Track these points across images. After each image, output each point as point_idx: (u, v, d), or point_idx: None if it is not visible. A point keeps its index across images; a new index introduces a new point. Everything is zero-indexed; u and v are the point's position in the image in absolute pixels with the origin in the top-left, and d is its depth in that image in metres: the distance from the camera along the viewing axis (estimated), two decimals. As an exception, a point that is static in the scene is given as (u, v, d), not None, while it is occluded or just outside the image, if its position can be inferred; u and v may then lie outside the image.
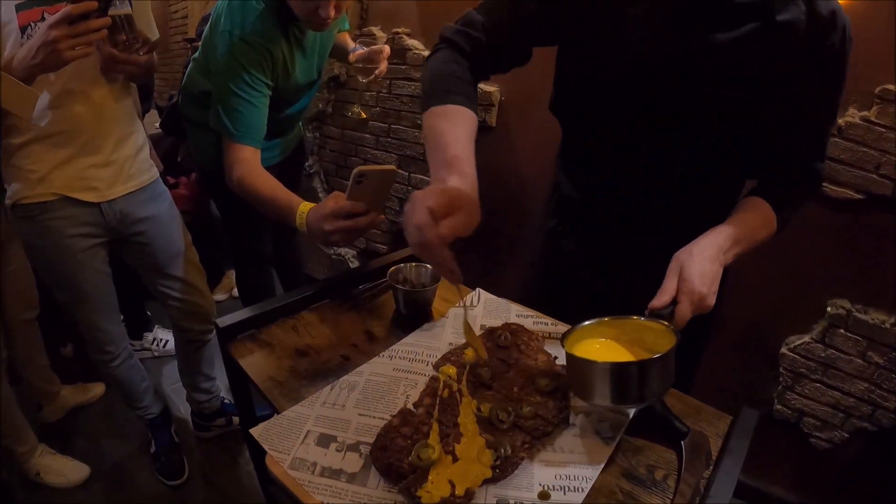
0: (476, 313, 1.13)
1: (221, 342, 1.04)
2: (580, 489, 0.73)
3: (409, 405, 0.84)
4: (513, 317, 1.11)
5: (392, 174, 1.10)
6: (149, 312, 2.75)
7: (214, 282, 3.13)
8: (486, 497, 0.71)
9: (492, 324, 1.07)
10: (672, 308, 0.82)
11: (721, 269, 0.86)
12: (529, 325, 1.06)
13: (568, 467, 0.76)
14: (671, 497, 0.73)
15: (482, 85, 1.50)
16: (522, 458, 0.76)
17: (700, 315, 0.84)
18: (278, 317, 1.10)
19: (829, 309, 1.65)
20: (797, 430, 1.81)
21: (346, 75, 2.69)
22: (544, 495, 0.71)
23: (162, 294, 1.83)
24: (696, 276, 0.82)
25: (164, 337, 2.69)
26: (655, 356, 0.73)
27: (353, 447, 0.78)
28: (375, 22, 2.48)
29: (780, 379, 1.79)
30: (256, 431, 0.80)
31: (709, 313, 0.85)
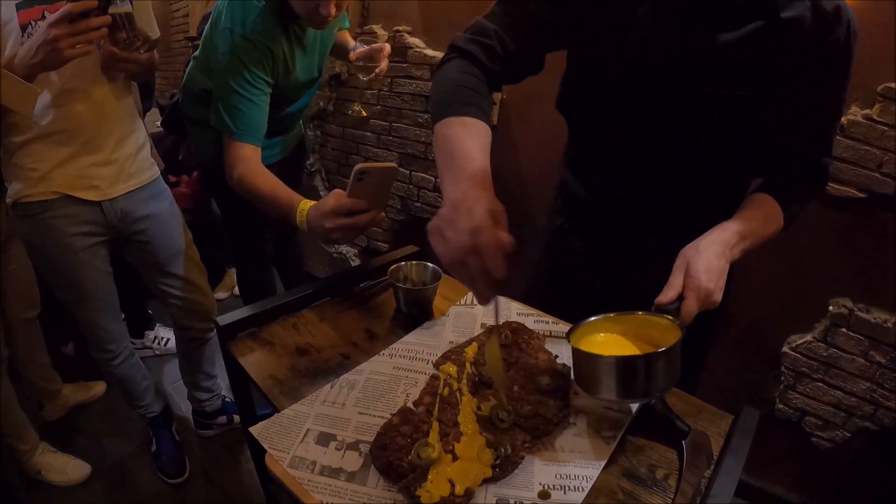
0: (476, 311, 1.13)
1: (222, 340, 1.03)
2: (580, 488, 0.72)
3: (409, 404, 0.84)
4: (513, 315, 1.11)
5: (393, 172, 1.10)
6: (150, 311, 2.75)
7: (216, 280, 3.13)
8: (485, 496, 0.71)
9: (492, 322, 1.07)
10: (678, 304, 0.82)
11: (727, 265, 0.86)
12: (530, 323, 1.06)
13: (568, 466, 0.76)
14: (672, 497, 0.73)
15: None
16: (522, 458, 0.75)
17: (706, 311, 0.84)
18: (279, 315, 1.10)
19: (830, 308, 1.65)
20: (799, 429, 1.81)
21: (347, 73, 2.69)
22: (544, 495, 0.71)
23: (163, 292, 1.83)
24: (703, 272, 0.82)
25: (165, 335, 2.69)
26: (661, 350, 0.73)
27: (353, 446, 0.78)
28: (376, 20, 2.48)
29: (782, 378, 1.79)
30: (256, 430, 0.80)
31: (715, 309, 0.85)
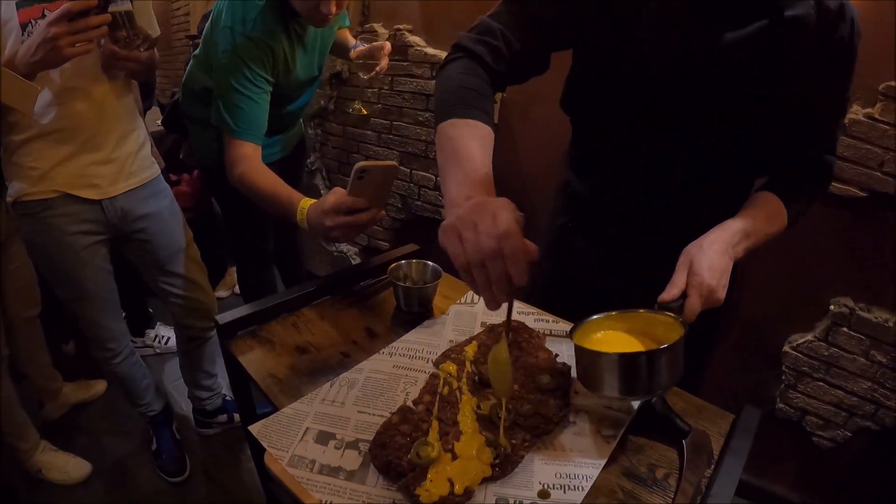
0: (476, 310, 1.13)
1: (221, 339, 1.03)
2: (580, 488, 0.72)
3: (409, 402, 0.84)
4: (514, 314, 1.10)
5: (394, 170, 1.10)
6: (150, 309, 2.75)
7: (217, 279, 3.14)
8: (485, 495, 0.71)
9: (493, 321, 1.07)
10: (681, 301, 0.82)
11: (731, 263, 0.86)
12: (530, 322, 1.06)
13: (568, 466, 0.76)
14: (672, 496, 0.73)
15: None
16: (522, 457, 0.75)
17: (710, 309, 0.83)
18: (278, 314, 1.10)
19: (832, 307, 1.65)
20: (800, 428, 1.80)
21: (348, 72, 2.69)
22: (544, 494, 0.71)
23: (163, 291, 1.83)
24: (706, 270, 0.82)
25: (166, 334, 2.69)
26: (663, 346, 0.73)
27: (352, 445, 0.78)
28: (377, 19, 2.48)
29: (783, 377, 1.78)
30: (255, 428, 0.80)
31: (719, 308, 0.85)
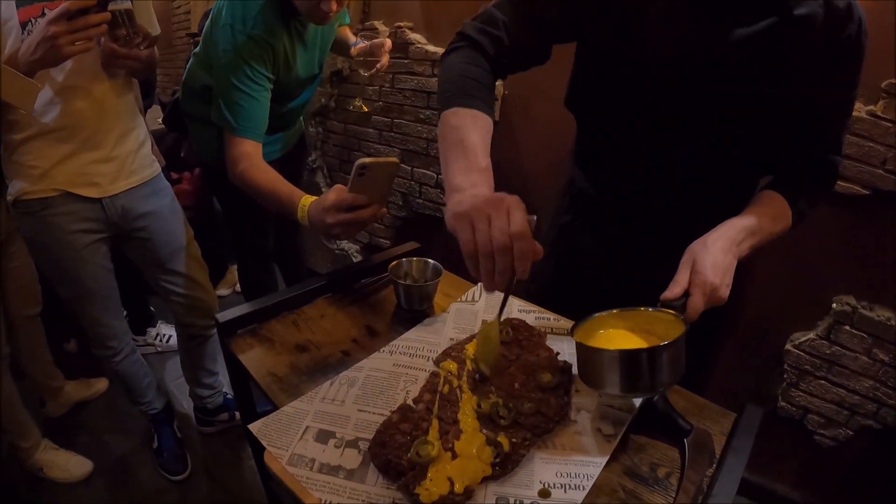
0: (477, 308, 1.12)
1: (222, 337, 1.03)
2: (581, 487, 0.72)
3: (409, 401, 0.84)
4: (514, 312, 1.11)
5: (394, 167, 1.10)
6: (152, 308, 2.76)
7: (218, 277, 3.14)
8: (485, 495, 0.70)
9: (493, 319, 1.06)
10: (684, 300, 0.81)
11: (734, 261, 0.86)
12: (531, 320, 1.05)
13: (569, 465, 0.75)
14: (674, 496, 0.72)
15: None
16: (523, 456, 0.75)
17: (714, 308, 0.83)
18: (278, 312, 1.10)
19: (834, 305, 1.64)
20: (801, 427, 1.80)
21: (349, 70, 2.68)
22: (545, 493, 0.71)
23: (164, 289, 1.83)
24: (709, 268, 0.82)
25: (167, 332, 2.70)
26: (665, 343, 0.73)
27: (352, 443, 0.78)
28: (378, 16, 2.47)
29: (785, 376, 1.78)
30: (255, 427, 0.80)
31: (723, 307, 0.84)
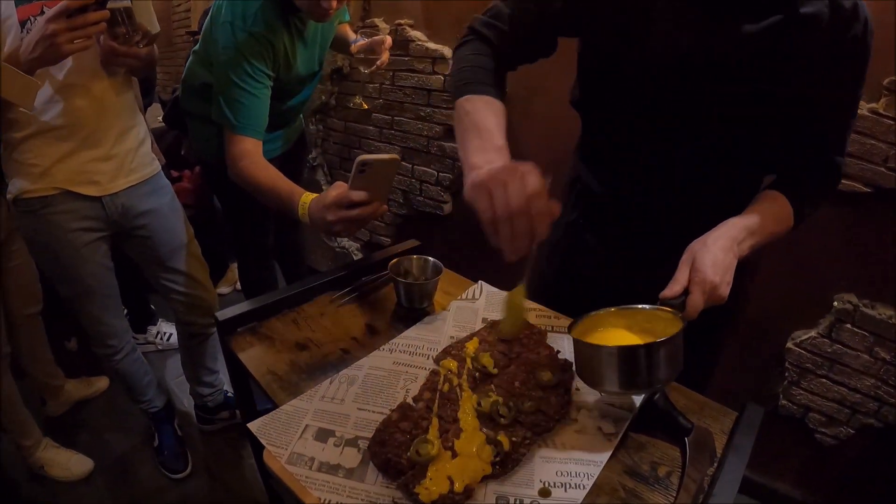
0: (478, 306, 1.12)
1: (221, 335, 1.03)
2: (581, 486, 0.72)
3: (409, 399, 0.83)
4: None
5: (395, 164, 1.09)
6: (153, 306, 2.75)
7: (218, 275, 3.14)
8: (485, 494, 0.70)
9: (494, 317, 1.06)
10: (683, 298, 0.81)
11: (735, 260, 0.85)
12: (532, 318, 1.05)
13: (569, 464, 0.75)
14: (675, 495, 0.72)
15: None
16: (523, 455, 0.75)
17: (716, 309, 0.83)
18: (278, 310, 1.10)
19: (835, 304, 1.64)
20: (803, 425, 1.80)
21: (349, 67, 2.68)
22: (545, 492, 0.70)
23: (164, 288, 1.83)
24: (709, 266, 0.81)
25: (168, 330, 2.70)
26: (662, 339, 0.73)
27: (352, 442, 0.78)
28: (378, 14, 2.47)
29: (786, 374, 1.77)
30: (254, 426, 0.80)
31: (725, 309, 0.84)
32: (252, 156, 1.40)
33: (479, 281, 1.21)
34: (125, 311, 2.12)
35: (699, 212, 1.00)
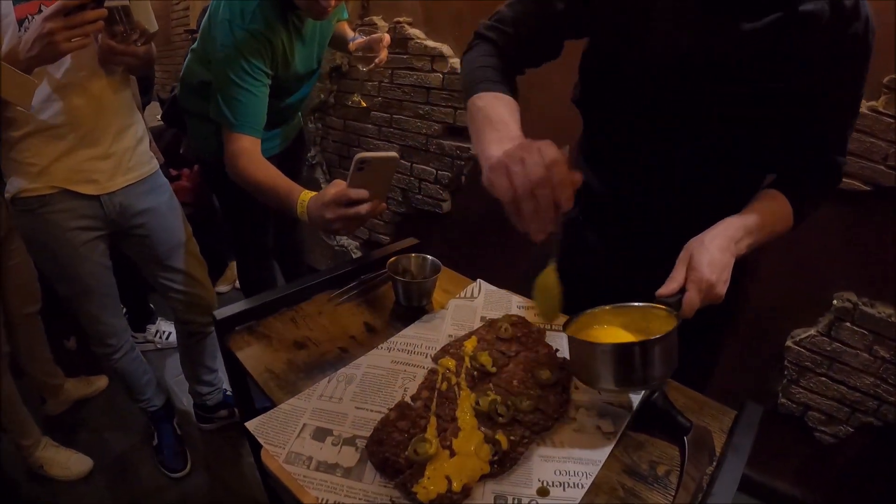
0: (476, 304, 1.12)
1: (219, 334, 1.03)
2: (580, 485, 0.71)
3: (407, 398, 0.83)
4: (514, 308, 1.10)
5: (394, 161, 1.09)
6: (152, 305, 2.75)
7: (217, 274, 3.14)
8: (483, 493, 0.70)
9: (492, 315, 1.06)
10: (680, 296, 0.81)
11: (732, 259, 0.85)
12: (531, 316, 1.05)
13: (568, 463, 0.75)
14: (673, 494, 0.72)
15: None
16: (521, 454, 0.74)
17: (715, 309, 0.82)
18: (276, 309, 1.09)
19: (835, 302, 1.63)
20: (802, 424, 1.79)
21: (348, 65, 2.67)
22: (543, 491, 0.70)
23: (163, 286, 1.83)
24: (706, 265, 0.81)
25: (167, 329, 2.70)
26: (657, 337, 0.73)
27: (350, 441, 0.77)
28: (377, 11, 2.46)
29: (785, 372, 1.77)
30: (251, 425, 0.79)
31: (724, 309, 0.84)
32: (250, 154, 1.40)
33: (478, 279, 1.20)
34: (124, 309, 2.11)
35: (699, 212, 1.00)
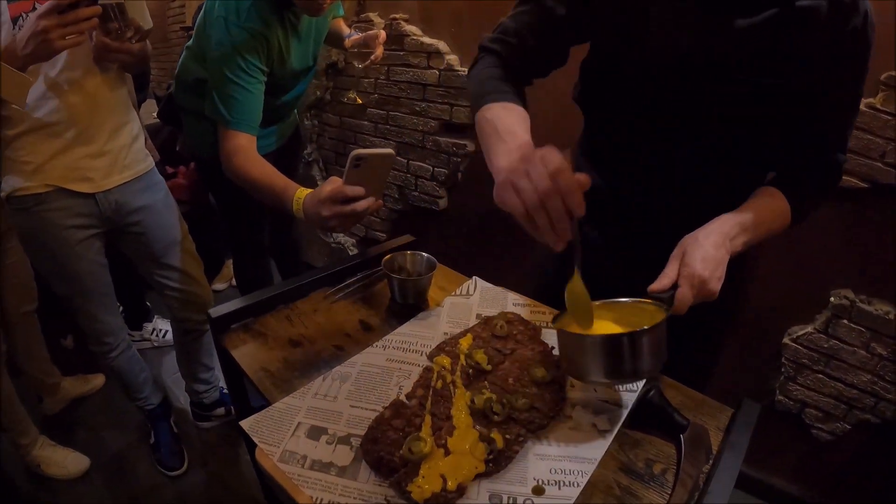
0: (472, 302, 1.11)
1: (214, 332, 1.03)
2: (576, 484, 0.71)
3: (402, 397, 0.83)
4: (509, 306, 1.10)
5: (390, 158, 1.09)
6: (148, 303, 2.75)
7: (214, 271, 3.13)
8: (478, 492, 0.70)
9: (488, 313, 1.06)
10: (673, 292, 0.80)
11: (727, 256, 0.84)
12: (526, 314, 1.05)
13: (563, 461, 0.74)
14: (670, 492, 0.72)
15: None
16: (517, 452, 0.74)
17: (714, 311, 0.82)
18: (271, 307, 1.09)
19: (832, 299, 1.63)
20: (799, 421, 1.80)
21: (344, 62, 2.66)
22: (538, 490, 0.70)
23: (159, 284, 1.82)
24: (698, 260, 0.81)
25: (164, 327, 2.69)
26: (646, 328, 0.72)
27: (344, 440, 0.77)
28: (373, 8, 2.45)
29: (783, 369, 1.77)
30: (246, 424, 0.79)
31: (723, 309, 0.83)
32: (246, 151, 1.39)
33: (474, 276, 1.20)
34: (120, 308, 2.10)
35: (700, 211, 0.99)
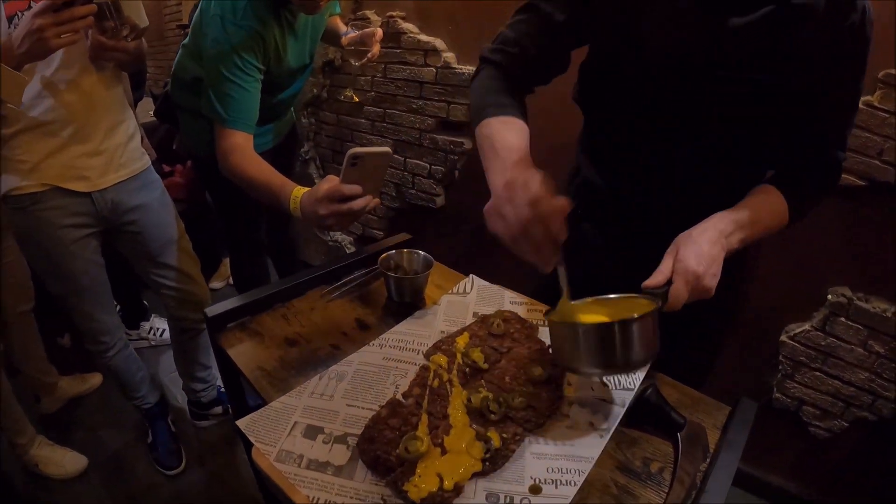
0: (469, 300, 1.11)
1: (211, 331, 1.02)
2: (573, 483, 0.71)
3: (399, 396, 0.83)
4: (506, 304, 1.10)
5: (387, 157, 1.08)
6: (145, 302, 2.74)
7: (211, 270, 3.12)
8: (475, 491, 0.70)
9: (485, 311, 1.06)
10: (667, 289, 0.80)
11: (722, 253, 0.84)
12: (523, 312, 1.04)
13: (560, 460, 0.74)
14: (667, 491, 0.72)
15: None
16: (513, 451, 0.74)
17: (713, 311, 0.82)
18: (268, 305, 1.09)
19: (829, 297, 1.63)
20: (796, 418, 1.80)
21: (341, 60, 2.66)
22: (535, 489, 0.70)
23: (156, 283, 1.82)
24: (693, 257, 0.81)
25: (161, 326, 2.68)
26: (636, 316, 0.72)
27: (341, 439, 0.77)
28: (370, 6, 2.45)
29: (780, 367, 1.77)
30: (243, 423, 0.79)
31: (722, 309, 0.83)
32: (243, 150, 1.39)
33: (471, 274, 1.20)
34: (117, 307, 2.10)
35: (700, 211, 0.99)
